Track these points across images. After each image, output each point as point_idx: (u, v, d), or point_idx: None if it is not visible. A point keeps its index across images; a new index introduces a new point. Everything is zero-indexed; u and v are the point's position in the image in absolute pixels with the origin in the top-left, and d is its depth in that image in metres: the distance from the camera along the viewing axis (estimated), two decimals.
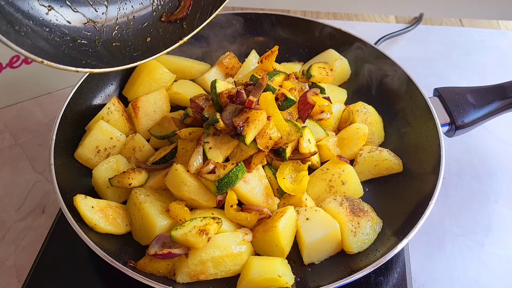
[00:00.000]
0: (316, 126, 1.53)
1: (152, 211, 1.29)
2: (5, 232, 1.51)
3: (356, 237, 1.30)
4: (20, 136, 1.82)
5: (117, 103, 1.61)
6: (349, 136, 1.54)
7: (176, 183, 1.31)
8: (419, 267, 1.43)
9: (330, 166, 1.46)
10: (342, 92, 1.76)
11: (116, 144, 1.52)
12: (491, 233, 1.52)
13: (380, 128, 1.64)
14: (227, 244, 1.23)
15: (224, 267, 1.23)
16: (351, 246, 1.30)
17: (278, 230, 1.24)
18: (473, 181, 1.67)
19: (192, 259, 1.20)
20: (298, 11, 2.44)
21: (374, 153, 1.50)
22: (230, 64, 1.77)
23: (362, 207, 1.36)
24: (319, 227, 1.29)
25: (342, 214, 1.32)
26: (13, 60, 1.82)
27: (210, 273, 1.22)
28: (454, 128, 1.53)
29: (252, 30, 1.90)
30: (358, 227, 1.31)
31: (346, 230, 1.30)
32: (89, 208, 1.28)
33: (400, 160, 1.51)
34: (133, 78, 1.74)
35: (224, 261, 1.22)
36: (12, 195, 1.62)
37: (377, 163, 1.49)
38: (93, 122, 1.56)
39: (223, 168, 1.27)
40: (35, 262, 1.37)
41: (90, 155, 1.48)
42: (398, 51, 2.20)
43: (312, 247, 1.29)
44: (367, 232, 1.32)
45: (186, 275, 1.21)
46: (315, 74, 1.60)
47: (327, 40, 1.82)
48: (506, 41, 2.28)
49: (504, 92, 1.55)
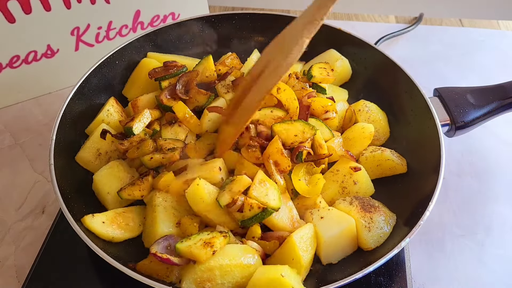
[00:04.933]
0: (322, 126, 1.51)
1: (161, 217, 1.28)
2: (5, 232, 1.51)
3: (371, 232, 1.29)
4: (20, 136, 1.82)
5: (115, 104, 1.60)
6: (355, 136, 1.53)
7: (195, 198, 1.27)
8: (419, 267, 1.43)
9: (340, 167, 1.45)
10: (343, 92, 1.75)
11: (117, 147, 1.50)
12: (491, 233, 1.52)
13: (384, 124, 1.63)
14: (236, 253, 1.19)
15: (232, 278, 1.18)
16: (367, 241, 1.29)
17: (293, 240, 1.21)
18: (473, 181, 1.67)
19: (200, 265, 1.16)
20: (298, 11, 2.45)
21: (376, 152, 1.49)
22: (231, 64, 1.77)
23: (372, 203, 1.37)
24: (335, 223, 1.28)
25: (353, 211, 1.32)
26: (13, 60, 1.82)
27: (217, 282, 1.17)
28: (454, 128, 1.53)
29: (252, 30, 1.90)
30: (371, 222, 1.31)
31: (360, 226, 1.30)
32: (101, 224, 1.28)
33: (405, 160, 1.50)
34: (133, 78, 1.74)
35: (232, 271, 1.17)
36: (12, 195, 1.62)
37: (379, 163, 1.48)
38: (93, 125, 1.56)
39: (249, 210, 1.24)
40: (35, 262, 1.37)
41: (91, 158, 1.47)
42: (398, 51, 2.20)
43: (330, 244, 1.27)
44: (381, 226, 1.31)
45: (193, 281, 1.17)
46: (316, 75, 1.59)
47: (327, 40, 1.82)
48: (506, 41, 2.28)
49: (504, 92, 1.55)
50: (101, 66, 1.65)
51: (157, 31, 1.78)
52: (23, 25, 1.74)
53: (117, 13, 1.92)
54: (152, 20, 2.03)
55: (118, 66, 1.71)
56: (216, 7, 2.49)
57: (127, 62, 1.73)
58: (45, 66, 1.89)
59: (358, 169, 1.41)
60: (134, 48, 1.74)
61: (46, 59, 1.88)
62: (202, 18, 1.84)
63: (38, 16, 1.75)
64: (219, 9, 2.48)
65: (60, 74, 1.95)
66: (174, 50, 1.84)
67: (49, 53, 1.87)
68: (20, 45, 1.80)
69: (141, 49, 1.76)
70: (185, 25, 1.82)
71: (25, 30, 1.76)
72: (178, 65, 1.61)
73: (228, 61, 1.74)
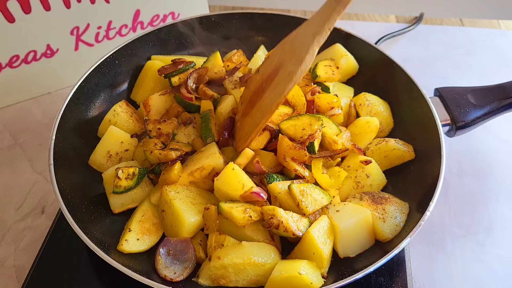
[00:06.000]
0: (329, 122, 1.51)
1: (182, 208, 1.28)
2: (5, 232, 1.51)
3: (386, 222, 1.30)
4: (19, 136, 1.82)
5: (125, 105, 1.61)
6: (360, 131, 1.53)
7: (232, 183, 1.29)
8: (419, 267, 1.43)
9: (350, 162, 1.45)
10: (349, 90, 1.74)
11: (128, 148, 1.50)
12: (491, 233, 1.52)
13: (387, 116, 1.63)
14: (250, 252, 1.21)
15: (246, 276, 1.20)
16: (384, 232, 1.29)
17: (311, 235, 1.22)
18: (474, 181, 1.67)
19: (214, 261, 1.19)
20: (299, 10, 2.44)
21: (381, 144, 1.50)
22: (239, 61, 1.77)
23: (382, 195, 1.38)
24: (351, 214, 1.29)
25: (365, 205, 1.33)
26: (12, 59, 1.82)
27: (231, 279, 1.20)
28: (455, 128, 1.52)
29: (252, 29, 1.89)
30: (384, 213, 1.31)
31: (374, 218, 1.30)
32: (136, 242, 1.30)
33: (411, 146, 1.50)
34: (140, 81, 1.74)
35: (246, 269, 1.19)
36: (12, 195, 1.62)
37: (386, 154, 1.48)
38: (102, 126, 1.57)
39: (276, 228, 1.25)
40: (35, 262, 1.37)
41: (102, 160, 1.48)
42: (399, 51, 2.19)
43: (346, 234, 1.27)
44: (395, 216, 1.32)
45: (208, 278, 1.21)
46: (321, 74, 1.60)
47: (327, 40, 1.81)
48: (506, 40, 2.28)
49: (505, 92, 1.55)
50: (101, 66, 1.65)
51: (157, 30, 1.78)
52: (22, 24, 1.74)
53: (117, 13, 1.92)
54: (152, 19, 2.03)
55: (118, 66, 1.71)
56: (216, 6, 2.48)
57: (127, 62, 1.73)
58: (44, 66, 1.89)
59: (369, 162, 1.42)
60: (134, 47, 1.74)
61: (46, 58, 1.88)
62: (202, 18, 1.84)
63: (37, 16, 1.75)
64: (219, 9, 2.48)
65: (59, 74, 1.95)
66: (174, 50, 1.84)
67: (48, 52, 1.87)
68: (20, 44, 1.80)
69: (141, 48, 1.76)
70: (185, 24, 1.82)
71: (24, 29, 1.76)
72: (186, 61, 1.62)
73: (235, 58, 1.75)
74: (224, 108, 1.52)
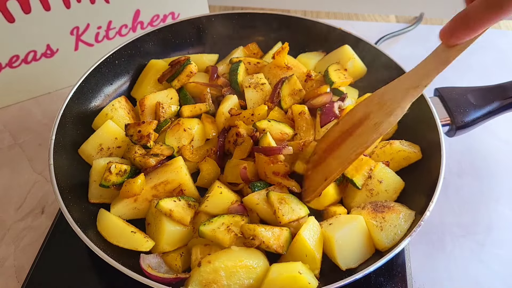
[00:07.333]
0: None
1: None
2: (5, 232, 1.51)
3: (384, 230, 1.27)
4: (19, 136, 1.82)
5: (124, 101, 1.61)
6: None
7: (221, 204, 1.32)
8: (419, 267, 1.43)
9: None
10: (353, 92, 1.74)
11: (121, 145, 1.50)
12: (491, 233, 1.52)
13: None
14: (241, 255, 1.20)
15: (238, 279, 1.17)
16: (382, 240, 1.26)
17: (302, 237, 1.21)
18: (474, 181, 1.67)
19: (205, 266, 1.16)
20: (299, 10, 2.44)
21: (385, 147, 1.47)
22: (255, 50, 1.83)
23: (387, 204, 1.34)
24: (344, 223, 1.27)
25: (364, 213, 1.30)
26: (12, 59, 1.82)
27: (223, 284, 1.16)
28: (455, 128, 1.52)
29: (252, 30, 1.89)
30: (383, 221, 1.28)
31: (371, 227, 1.28)
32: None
33: (417, 146, 1.48)
34: (141, 79, 1.74)
35: (238, 272, 1.17)
36: (12, 195, 1.62)
37: (392, 157, 1.46)
38: (98, 118, 1.56)
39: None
40: (35, 262, 1.37)
41: (92, 152, 1.48)
42: (399, 50, 2.19)
43: (342, 243, 1.24)
44: (395, 224, 1.28)
45: (198, 284, 1.16)
46: (336, 80, 1.60)
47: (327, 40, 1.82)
48: (506, 41, 2.28)
49: (505, 92, 1.55)
50: (101, 66, 1.65)
51: (157, 30, 1.78)
52: (22, 24, 1.74)
53: (116, 13, 1.92)
54: (152, 19, 2.03)
55: (118, 65, 1.71)
56: (216, 6, 2.49)
57: (127, 62, 1.73)
58: (44, 66, 1.89)
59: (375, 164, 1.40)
60: (134, 47, 1.74)
61: (46, 58, 1.88)
62: (202, 18, 1.84)
63: (37, 16, 1.75)
64: (219, 9, 2.48)
65: (59, 74, 1.95)
66: (173, 50, 1.84)
67: (48, 52, 1.87)
68: (20, 45, 1.80)
69: (141, 48, 1.76)
70: (185, 25, 1.82)
71: (24, 29, 1.76)
72: (181, 59, 1.63)
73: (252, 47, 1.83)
74: (226, 108, 1.53)
